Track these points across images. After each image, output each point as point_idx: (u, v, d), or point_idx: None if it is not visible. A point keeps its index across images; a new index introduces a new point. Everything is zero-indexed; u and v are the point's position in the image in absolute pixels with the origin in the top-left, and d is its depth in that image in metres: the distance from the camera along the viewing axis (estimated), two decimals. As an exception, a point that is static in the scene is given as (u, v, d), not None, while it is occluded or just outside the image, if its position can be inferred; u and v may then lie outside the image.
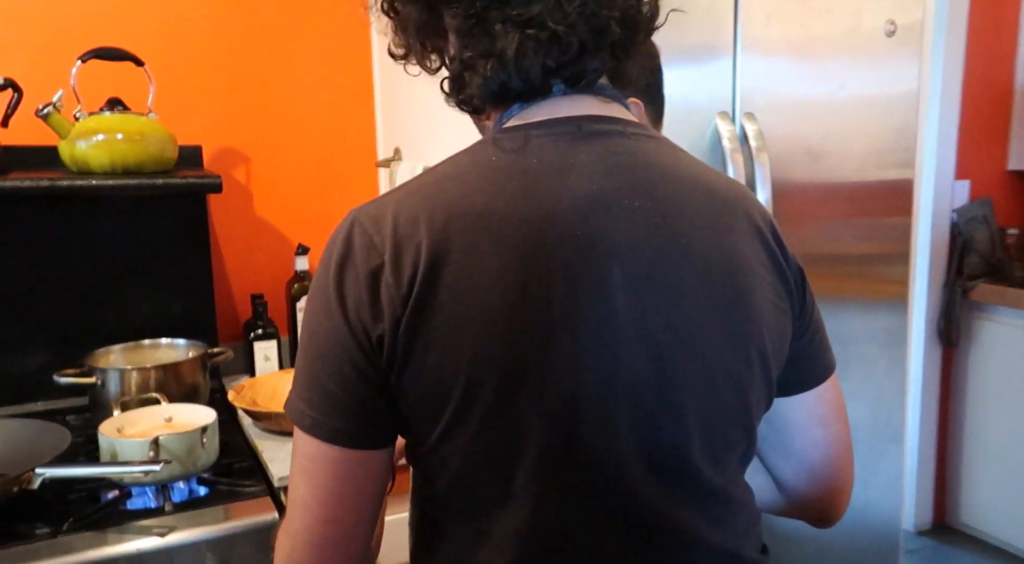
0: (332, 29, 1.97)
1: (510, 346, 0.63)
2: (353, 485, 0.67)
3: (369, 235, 0.65)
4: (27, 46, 1.65)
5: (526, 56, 0.67)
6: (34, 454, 1.28)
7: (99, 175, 1.52)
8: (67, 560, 1.13)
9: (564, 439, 0.65)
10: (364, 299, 0.63)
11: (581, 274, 0.64)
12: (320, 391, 0.66)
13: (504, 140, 0.70)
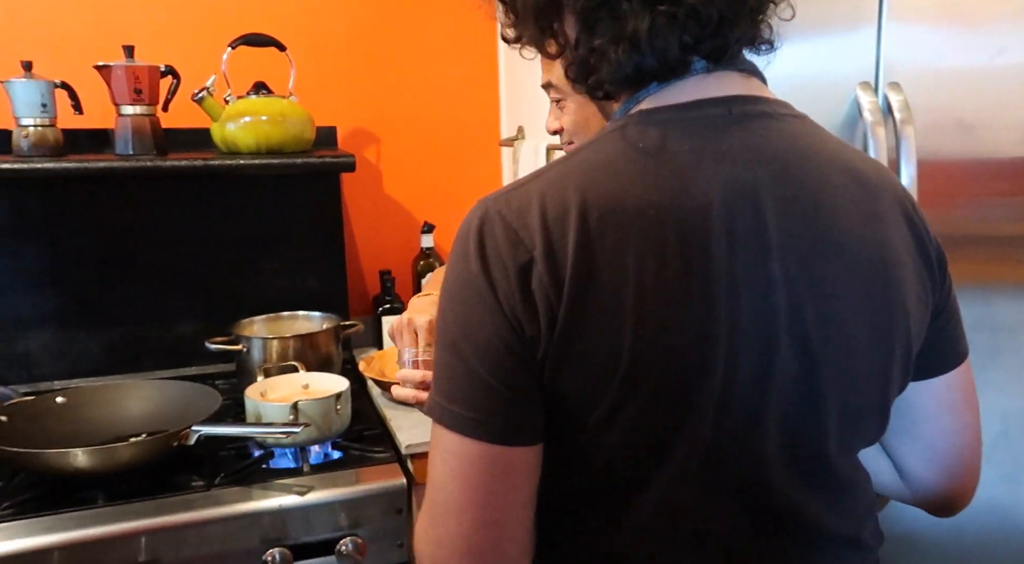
0: (459, 10, 2.00)
1: (669, 340, 0.62)
2: (512, 484, 0.65)
3: (514, 228, 0.62)
4: (183, 35, 1.77)
5: (660, 34, 0.64)
6: (189, 413, 1.39)
7: (246, 155, 1.62)
8: (218, 511, 1.23)
9: (711, 431, 0.65)
10: (515, 293, 0.61)
11: (741, 269, 0.63)
12: (481, 389, 0.63)
13: (650, 125, 0.66)
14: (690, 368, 0.62)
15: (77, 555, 1.14)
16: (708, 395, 0.63)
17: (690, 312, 0.62)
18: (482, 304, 0.62)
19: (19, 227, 1.66)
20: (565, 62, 0.72)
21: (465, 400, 0.63)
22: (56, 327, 1.72)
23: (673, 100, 0.67)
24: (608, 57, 0.65)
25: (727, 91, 0.68)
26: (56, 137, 1.55)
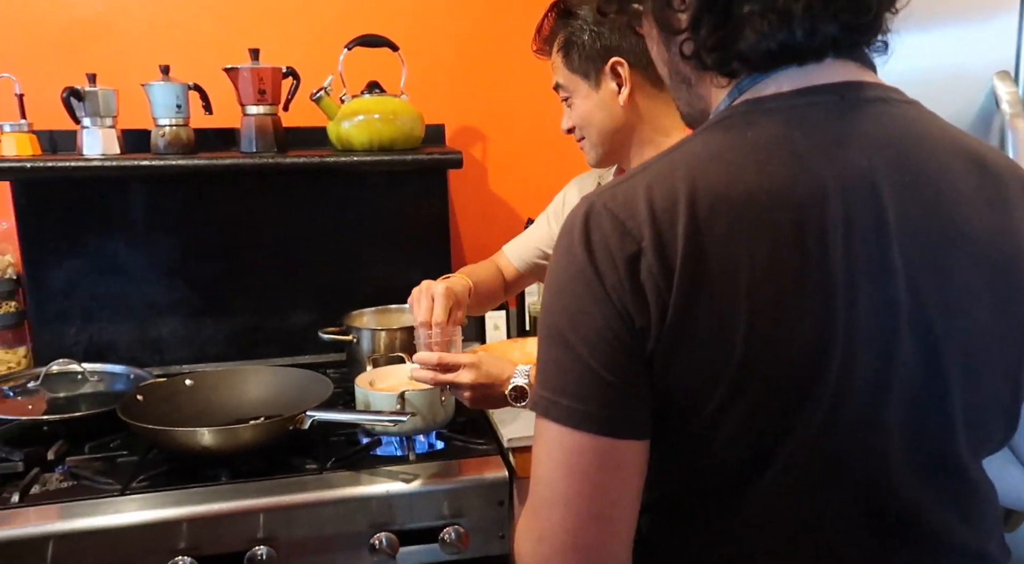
0: (566, 7, 2.00)
1: (784, 330, 0.60)
2: (620, 478, 0.64)
3: (620, 220, 0.61)
4: (303, 38, 1.86)
5: (817, 14, 0.61)
6: (303, 399, 1.46)
7: (359, 152, 1.68)
8: (330, 494, 1.28)
9: (827, 425, 0.62)
10: (625, 285, 0.60)
11: (859, 258, 0.60)
12: (590, 381, 0.62)
13: (759, 114, 0.64)
14: (805, 359, 0.60)
15: (202, 528, 1.22)
16: (824, 387, 0.61)
17: (806, 301, 0.60)
18: (590, 295, 0.62)
19: (155, 221, 1.78)
20: (682, 36, 0.68)
21: (573, 392, 0.63)
22: (185, 315, 1.83)
23: (779, 89, 0.65)
24: (754, 27, 0.63)
25: (837, 78, 0.65)
26: (188, 136, 1.65)
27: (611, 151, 1.22)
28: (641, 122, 1.18)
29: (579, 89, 1.19)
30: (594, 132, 1.20)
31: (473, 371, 1.13)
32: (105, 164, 1.56)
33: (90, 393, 1.59)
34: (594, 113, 1.19)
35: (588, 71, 1.17)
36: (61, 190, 1.73)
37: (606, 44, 1.15)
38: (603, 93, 1.17)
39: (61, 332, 1.77)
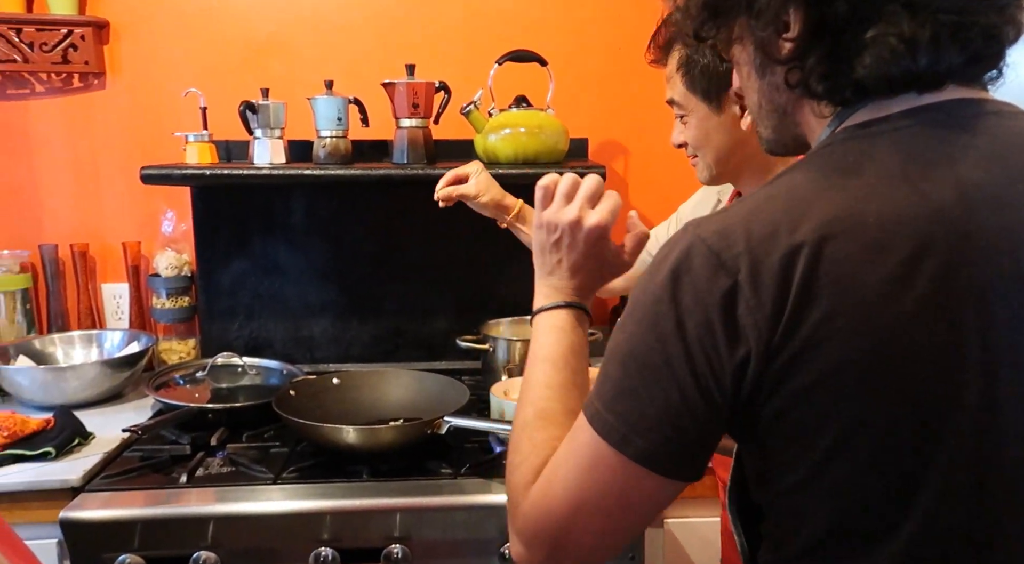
0: (718, 19, 1.96)
1: (911, 355, 0.56)
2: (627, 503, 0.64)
3: (714, 251, 0.59)
4: (455, 53, 1.92)
5: (944, 45, 0.59)
6: (441, 404, 1.50)
7: (504, 164, 1.71)
8: (463, 499, 1.31)
9: (975, 478, 0.57)
10: (713, 321, 0.58)
11: (987, 273, 0.56)
12: (656, 417, 0.61)
13: (863, 139, 0.62)
14: (936, 387, 0.56)
15: (344, 522, 1.28)
16: (963, 421, 0.56)
17: (932, 322, 0.56)
18: (663, 327, 0.60)
19: (312, 226, 1.90)
20: (785, 64, 0.66)
21: (621, 413, 0.62)
22: (334, 316, 1.94)
23: (886, 111, 0.63)
24: (875, 54, 0.60)
25: (945, 97, 0.63)
26: (346, 147, 1.75)
27: (725, 172, 1.19)
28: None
29: (698, 110, 1.15)
30: (710, 153, 1.17)
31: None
32: (272, 172, 1.68)
33: (248, 385, 1.72)
34: (712, 135, 1.15)
35: (710, 93, 1.13)
36: (232, 195, 1.87)
37: (731, 67, 1.10)
38: (724, 117, 1.13)
39: (226, 327, 1.92)
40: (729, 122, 1.13)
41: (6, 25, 1.78)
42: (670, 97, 1.19)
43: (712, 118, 1.14)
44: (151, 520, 1.26)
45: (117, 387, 1.70)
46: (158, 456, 1.42)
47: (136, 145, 1.91)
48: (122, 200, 1.94)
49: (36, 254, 1.91)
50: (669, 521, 1.40)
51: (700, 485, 1.38)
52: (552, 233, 0.83)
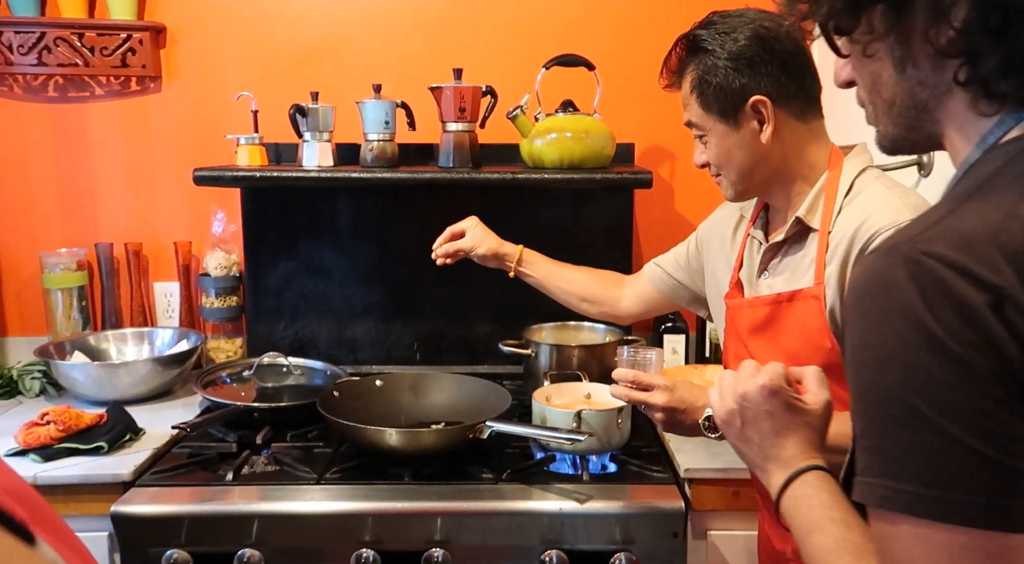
0: (770, 23, 1.92)
1: None
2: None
3: (963, 266, 0.54)
4: (503, 57, 1.92)
5: None
6: (483, 409, 1.50)
7: (549, 169, 1.71)
8: (504, 505, 1.30)
9: None
10: (995, 338, 0.52)
11: None
12: (974, 464, 0.52)
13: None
14: None
15: (386, 523, 1.29)
16: None
17: None
18: (948, 362, 0.53)
19: (359, 229, 1.92)
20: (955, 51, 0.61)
21: (950, 481, 0.53)
22: (378, 318, 1.95)
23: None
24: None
25: None
26: (393, 150, 1.76)
27: (751, 188, 1.18)
28: (786, 157, 1.13)
29: (715, 129, 1.14)
30: (733, 171, 1.16)
31: (666, 393, 1.10)
32: (320, 175, 1.70)
33: (293, 385, 1.74)
34: (734, 153, 1.14)
35: (726, 111, 1.11)
36: (281, 197, 1.90)
37: (744, 82, 1.09)
38: (743, 133, 1.12)
39: (272, 327, 1.95)
40: (748, 138, 1.12)
41: (69, 30, 1.83)
42: (688, 119, 1.19)
43: (731, 136, 1.13)
44: (198, 516, 1.28)
45: (167, 384, 1.73)
46: (205, 453, 1.45)
47: (189, 147, 1.95)
48: (174, 201, 1.98)
49: (92, 252, 1.96)
50: (712, 533, 1.38)
51: (743, 498, 1.36)
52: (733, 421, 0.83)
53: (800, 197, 1.13)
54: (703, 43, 1.13)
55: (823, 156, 1.13)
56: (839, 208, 1.09)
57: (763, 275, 1.18)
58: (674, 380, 1.14)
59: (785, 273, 1.15)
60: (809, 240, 1.11)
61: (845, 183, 1.10)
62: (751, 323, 1.17)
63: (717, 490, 1.37)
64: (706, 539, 1.38)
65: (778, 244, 1.16)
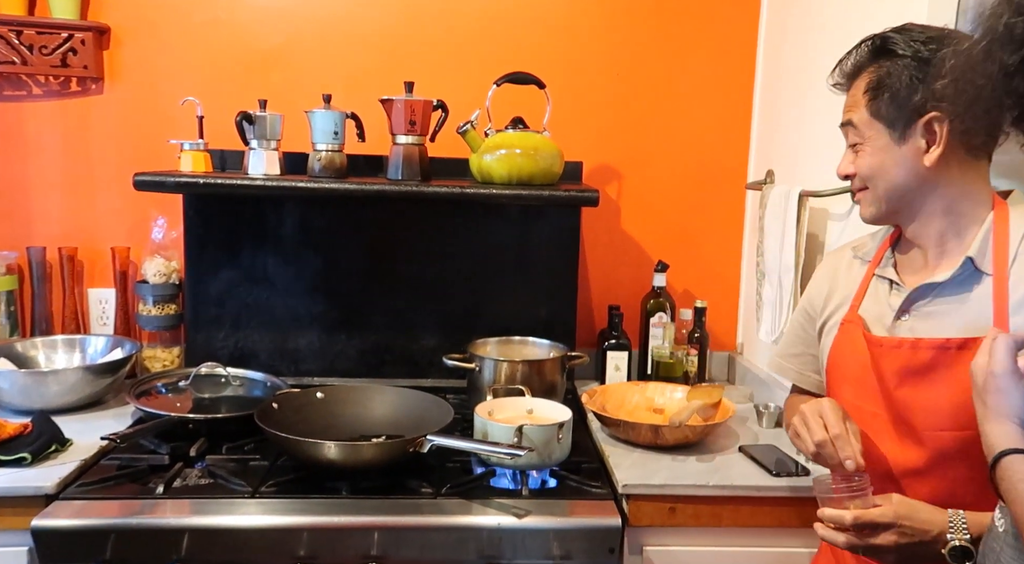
0: (717, 51, 1.98)
1: None
2: None
3: None
4: (455, 72, 1.93)
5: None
6: (424, 423, 1.49)
7: (498, 185, 1.72)
8: (443, 520, 1.29)
9: None
10: None
11: None
12: None
13: None
14: None
15: (322, 538, 1.27)
16: None
17: None
18: None
19: (304, 239, 1.90)
20: None
21: None
22: (321, 329, 1.93)
23: None
24: None
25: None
26: (342, 161, 1.75)
27: (894, 211, 1.09)
28: (945, 187, 1.04)
29: (878, 138, 1.05)
30: (882, 187, 1.07)
31: (894, 533, 0.95)
32: (267, 183, 1.68)
33: (231, 396, 1.70)
34: (889, 167, 1.05)
35: (896, 121, 1.03)
36: (225, 205, 1.87)
37: (927, 96, 0.99)
38: (907, 148, 1.03)
39: (211, 336, 1.90)
40: (911, 154, 1.03)
41: (6, 27, 1.78)
42: (848, 119, 1.09)
43: (892, 149, 1.05)
44: (124, 530, 1.24)
45: (98, 393, 1.68)
46: (136, 465, 1.40)
47: (130, 151, 1.91)
48: (113, 205, 1.93)
49: (24, 256, 1.90)
50: (648, 549, 1.39)
51: (679, 514, 1.38)
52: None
53: (958, 237, 1.04)
54: (893, 46, 1.03)
55: (986, 196, 1.04)
56: (1015, 255, 0.99)
57: (903, 317, 1.08)
58: (893, 506, 0.97)
59: (935, 318, 1.04)
60: (976, 286, 1.01)
61: (1018, 227, 1.00)
62: (907, 365, 1.04)
63: (654, 506, 1.38)
64: (642, 555, 1.39)
65: (930, 286, 1.05)
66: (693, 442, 1.55)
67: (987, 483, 0.90)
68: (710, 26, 1.97)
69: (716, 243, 2.07)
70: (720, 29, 1.98)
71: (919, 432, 1.04)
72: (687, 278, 2.06)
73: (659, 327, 1.94)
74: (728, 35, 1.98)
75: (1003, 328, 0.96)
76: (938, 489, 1.02)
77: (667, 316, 1.94)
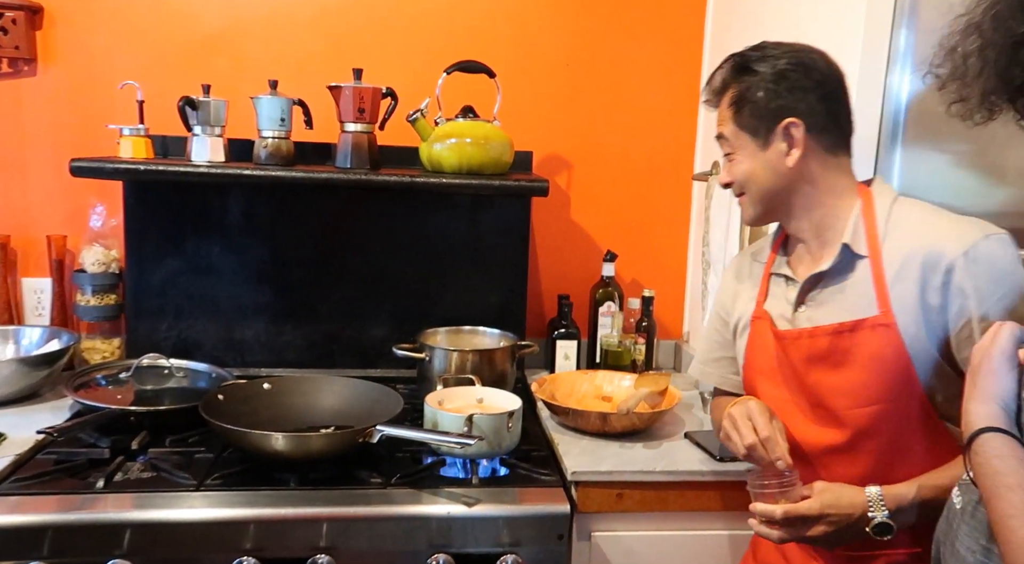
0: (665, 44, 2.01)
1: None
2: None
3: None
4: (404, 60, 1.92)
5: None
6: (374, 413, 1.48)
7: (448, 174, 1.71)
8: (392, 510, 1.30)
9: None
10: None
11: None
12: None
13: None
14: None
15: (269, 530, 1.25)
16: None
17: None
18: None
19: (250, 227, 1.86)
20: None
21: None
22: (268, 319, 1.90)
23: None
24: None
25: None
26: (288, 148, 1.72)
27: (770, 211, 1.18)
28: (809, 185, 1.13)
29: (745, 146, 1.15)
30: (755, 190, 1.16)
31: (823, 523, 1.03)
32: (210, 171, 1.64)
33: (175, 388, 1.67)
34: (758, 172, 1.14)
35: (758, 129, 1.13)
36: (167, 192, 1.82)
37: (781, 104, 1.11)
38: (770, 153, 1.13)
39: (154, 327, 1.86)
40: (775, 158, 1.12)
41: (-70, 3, 1.70)
42: (720, 133, 1.19)
43: (758, 155, 1.14)
44: (63, 526, 1.21)
45: (34, 386, 1.63)
46: (74, 460, 1.36)
47: (67, 136, 1.84)
48: (49, 192, 1.86)
49: (-48, 244, 1.82)
50: (596, 535, 1.42)
51: (627, 500, 1.41)
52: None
53: (832, 228, 1.13)
54: (751, 64, 1.14)
55: (850, 187, 1.14)
56: (883, 235, 1.08)
57: (800, 309, 1.16)
58: (820, 497, 1.04)
59: (827, 305, 1.12)
60: (856, 268, 1.10)
61: (883, 210, 1.10)
62: (811, 353, 1.12)
63: (602, 492, 1.41)
64: (590, 540, 1.42)
65: (818, 276, 1.13)
66: (640, 429, 1.58)
67: (903, 451, 1.02)
68: (659, 18, 2.00)
69: (663, 233, 2.10)
70: (668, 21, 2.00)
71: (837, 413, 1.11)
72: (635, 268, 2.09)
73: (608, 316, 1.96)
74: (676, 27, 2.00)
75: (884, 302, 1.05)
76: (860, 462, 1.10)
77: (615, 305, 1.96)
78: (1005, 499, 0.71)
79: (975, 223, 1.03)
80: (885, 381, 1.05)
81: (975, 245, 1.00)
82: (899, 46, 1.36)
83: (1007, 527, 0.71)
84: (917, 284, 1.03)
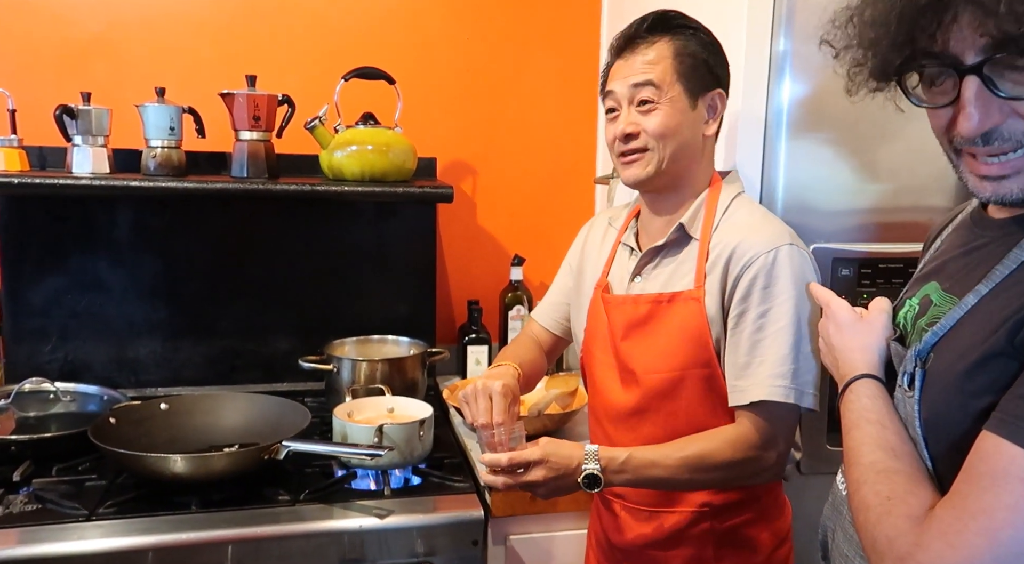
0: (563, 50, 2.04)
1: None
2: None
3: None
4: (300, 66, 1.87)
5: None
6: (280, 428, 1.44)
7: (350, 182, 1.68)
8: (302, 527, 1.26)
9: None
10: None
11: None
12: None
13: None
14: None
15: (170, 557, 1.19)
16: None
17: None
18: None
19: (140, 241, 1.77)
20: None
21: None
22: (163, 337, 1.81)
23: None
24: None
25: None
26: (180, 158, 1.65)
27: (664, 173, 1.14)
28: (707, 161, 1.19)
29: (676, 100, 1.11)
30: (671, 147, 1.12)
31: (543, 468, 1.08)
32: (94, 183, 1.55)
33: (62, 413, 1.57)
34: (684, 129, 1.13)
35: (695, 88, 1.12)
36: (47, 206, 1.72)
37: (719, 74, 1.15)
38: (695, 115, 1.14)
39: (36, 349, 1.74)
40: (697, 121, 1.14)
41: None
42: (647, 78, 1.11)
43: (687, 114, 1.13)
44: (-64, 570, 1.11)
45: (-102, 420, 1.49)
46: (-53, 496, 1.26)
47: (-70, 147, 1.70)
48: (-89, 208, 1.72)
49: None
50: (512, 538, 1.42)
51: (540, 501, 1.42)
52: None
53: (684, 207, 1.18)
54: (686, 20, 1.15)
55: (710, 173, 1.21)
56: (717, 223, 1.15)
57: (636, 279, 1.21)
58: (543, 448, 1.09)
59: (660, 278, 1.18)
60: (687, 248, 1.16)
61: (724, 202, 1.17)
62: (631, 318, 1.18)
63: (516, 495, 1.40)
64: (506, 544, 1.42)
65: (656, 249, 1.19)
66: (552, 430, 1.59)
67: (690, 418, 1.12)
68: (556, 25, 2.03)
69: (569, 236, 2.10)
70: (565, 28, 2.04)
71: (637, 375, 1.17)
72: (543, 271, 2.11)
73: (517, 320, 1.97)
74: (572, 32, 2.04)
75: (700, 280, 1.13)
76: (656, 423, 1.17)
77: (525, 309, 1.98)
78: (863, 430, 0.78)
79: (788, 233, 1.12)
80: (685, 351, 1.13)
81: (778, 249, 1.08)
82: (779, 49, 1.41)
83: (857, 452, 0.77)
84: (723, 271, 1.11)
